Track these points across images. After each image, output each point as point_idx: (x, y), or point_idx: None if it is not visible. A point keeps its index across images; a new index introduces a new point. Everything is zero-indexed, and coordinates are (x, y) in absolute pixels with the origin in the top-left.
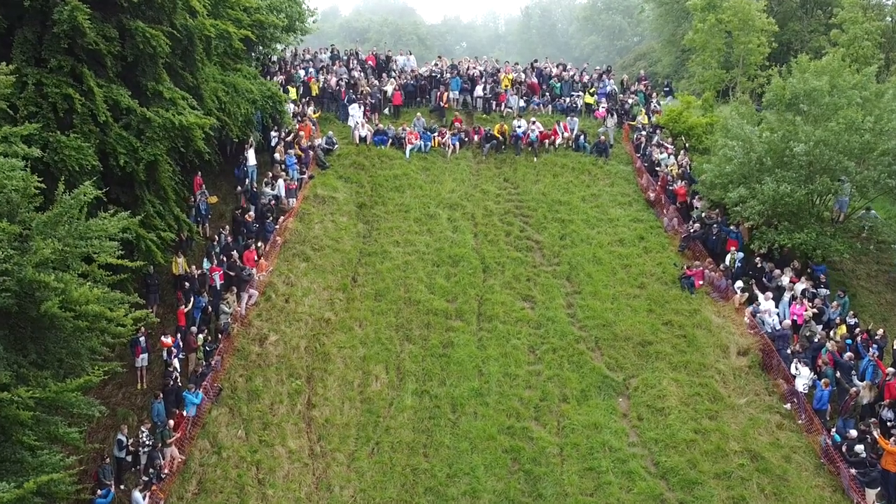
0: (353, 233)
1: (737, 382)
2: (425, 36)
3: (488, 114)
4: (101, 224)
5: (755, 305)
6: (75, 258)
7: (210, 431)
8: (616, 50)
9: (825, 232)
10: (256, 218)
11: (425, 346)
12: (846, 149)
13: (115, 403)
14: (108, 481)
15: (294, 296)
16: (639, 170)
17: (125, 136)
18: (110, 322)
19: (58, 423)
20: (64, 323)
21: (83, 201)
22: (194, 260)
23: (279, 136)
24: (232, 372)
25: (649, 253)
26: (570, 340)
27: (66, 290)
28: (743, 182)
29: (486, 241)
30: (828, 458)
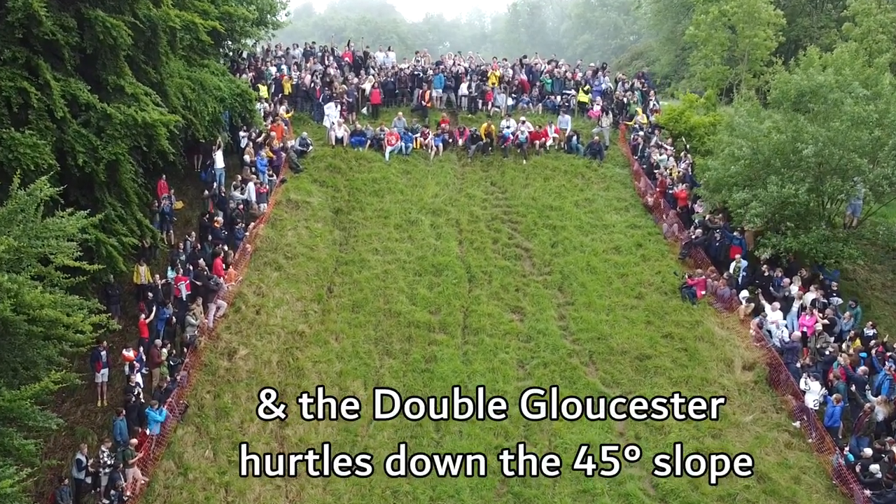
0: (328, 240)
1: (742, 399)
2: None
3: (474, 113)
4: (59, 223)
5: (762, 316)
6: (30, 258)
7: (175, 451)
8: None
9: (837, 237)
10: (225, 224)
11: (406, 361)
12: (856, 146)
13: (73, 421)
14: None
15: (265, 307)
16: (636, 172)
17: (84, 134)
18: (68, 328)
19: (12, 435)
20: (17, 328)
21: (39, 198)
22: (158, 269)
23: (249, 136)
24: (199, 388)
25: (647, 261)
26: (563, 354)
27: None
28: (748, 184)
29: (471, 249)
30: (840, 479)
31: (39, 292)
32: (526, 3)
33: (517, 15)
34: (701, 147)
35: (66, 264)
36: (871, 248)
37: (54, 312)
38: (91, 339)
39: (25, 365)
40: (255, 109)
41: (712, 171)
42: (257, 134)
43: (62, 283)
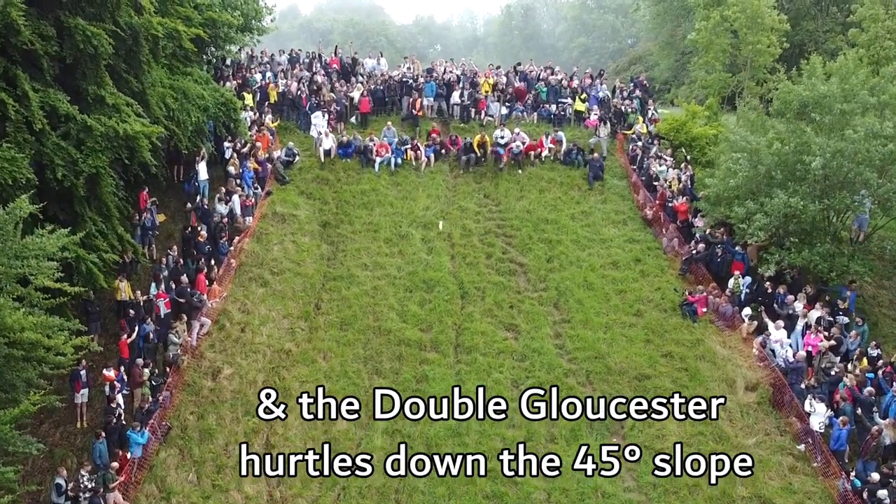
0: (316, 255)
1: (745, 420)
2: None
3: (466, 122)
4: (39, 242)
5: (765, 335)
6: (10, 280)
7: (158, 475)
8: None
9: (842, 252)
10: (208, 238)
11: (397, 381)
12: (866, 159)
13: (52, 444)
14: None
15: (251, 324)
16: (635, 184)
17: (63, 147)
18: (48, 350)
19: None
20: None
21: (18, 217)
22: (140, 285)
23: (234, 147)
24: (182, 409)
25: (646, 277)
26: (559, 374)
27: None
28: (750, 197)
29: (464, 264)
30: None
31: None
32: (520, 4)
33: (510, 17)
34: (702, 158)
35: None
36: (879, 264)
37: (35, 335)
38: (72, 362)
39: (4, 388)
40: (239, 119)
41: (711, 186)
42: (242, 144)
43: (42, 304)
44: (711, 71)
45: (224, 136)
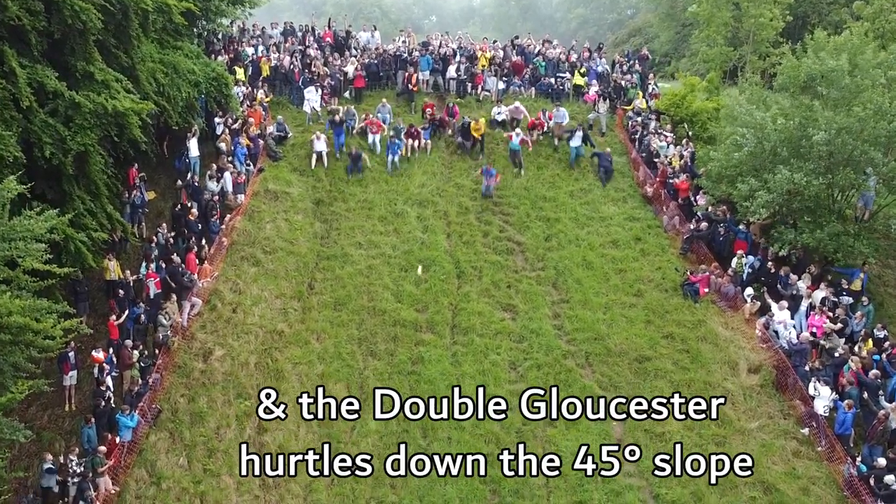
0: (309, 233)
1: (747, 404)
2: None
3: (463, 97)
4: (27, 224)
5: (768, 316)
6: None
7: (148, 459)
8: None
9: (848, 231)
10: (199, 216)
11: (392, 363)
12: (872, 137)
13: (40, 427)
14: None
15: (243, 305)
16: (634, 161)
17: (51, 124)
18: (37, 334)
19: None
20: None
21: (6, 198)
22: (129, 264)
23: (225, 123)
24: (172, 391)
25: (647, 256)
26: (557, 356)
27: None
28: (754, 174)
29: (460, 243)
30: (852, 490)
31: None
32: None
33: None
34: (703, 134)
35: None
36: (884, 243)
37: (23, 319)
38: (60, 345)
39: None
40: (231, 94)
41: (714, 161)
42: (234, 120)
43: (30, 286)
44: (713, 45)
45: (215, 112)
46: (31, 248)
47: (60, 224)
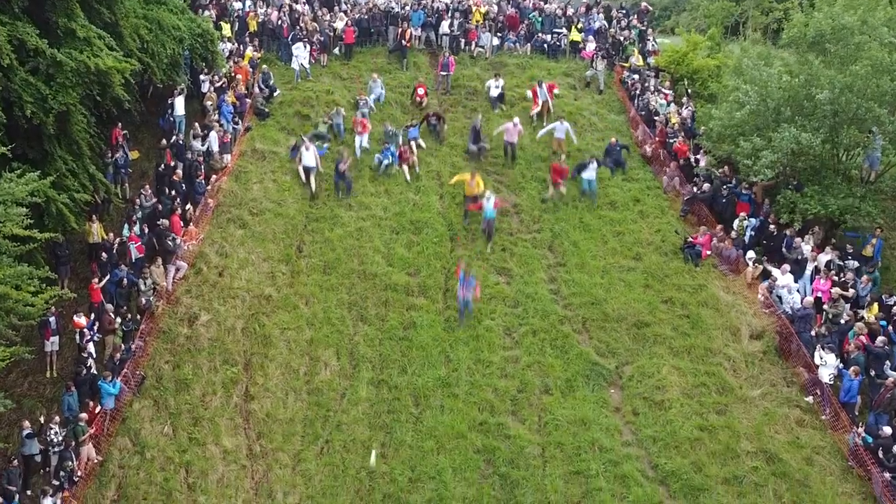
0: (297, 194)
1: (749, 371)
2: None
3: (456, 54)
4: (7, 188)
5: (771, 280)
6: None
7: (131, 427)
8: None
9: (853, 193)
10: (184, 177)
11: (382, 328)
12: (876, 95)
13: (20, 394)
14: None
15: (229, 268)
16: (633, 120)
17: (32, 83)
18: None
19: None
20: None
21: None
22: (112, 226)
23: (211, 80)
24: (156, 357)
25: (646, 218)
26: (553, 321)
27: None
28: (757, 133)
29: (453, 204)
30: (857, 460)
31: None
32: None
33: None
34: (704, 92)
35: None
36: (891, 205)
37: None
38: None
39: None
40: (217, 50)
41: (716, 119)
42: (220, 77)
43: (10, 251)
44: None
45: (201, 69)
46: (11, 212)
47: (42, 186)
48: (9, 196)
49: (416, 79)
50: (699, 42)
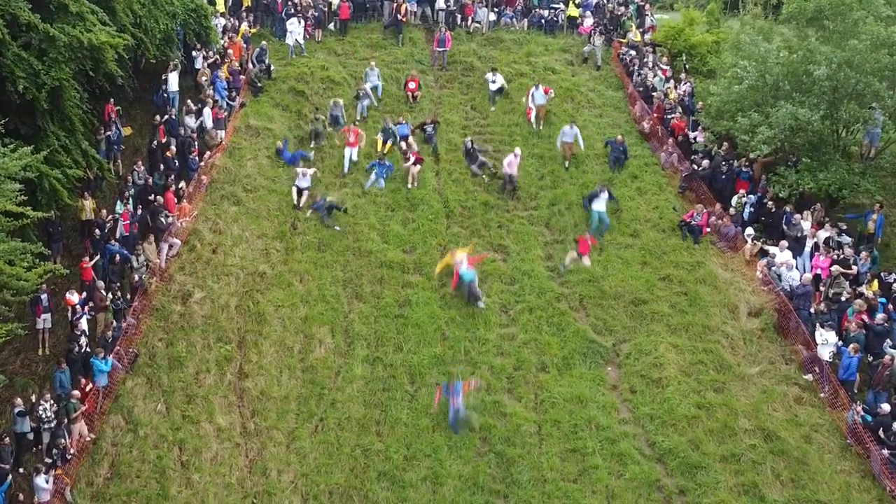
0: (291, 171)
1: (747, 348)
2: None
3: (452, 29)
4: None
5: (769, 257)
6: None
7: (124, 405)
8: None
9: (853, 169)
10: (177, 153)
11: (378, 305)
12: (875, 70)
13: (12, 372)
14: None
15: (223, 245)
16: (631, 96)
17: (25, 58)
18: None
19: None
20: None
21: None
22: (105, 203)
23: (204, 56)
24: (150, 335)
25: (644, 195)
26: (550, 298)
27: None
28: (755, 109)
29: (449, 181)
30: (855, 437)
31: None
32: None
33: None
34: (703, 68)
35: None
36: (892, 181)
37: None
38: (35, 287)
39: None
40: (210, 26)
41: (714, 95)
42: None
43: (4, 226)
44: None
45: (194, 45)
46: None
47: (35, 161)
48: (2, 171)
49: (409, 73)
50: (696, 17)
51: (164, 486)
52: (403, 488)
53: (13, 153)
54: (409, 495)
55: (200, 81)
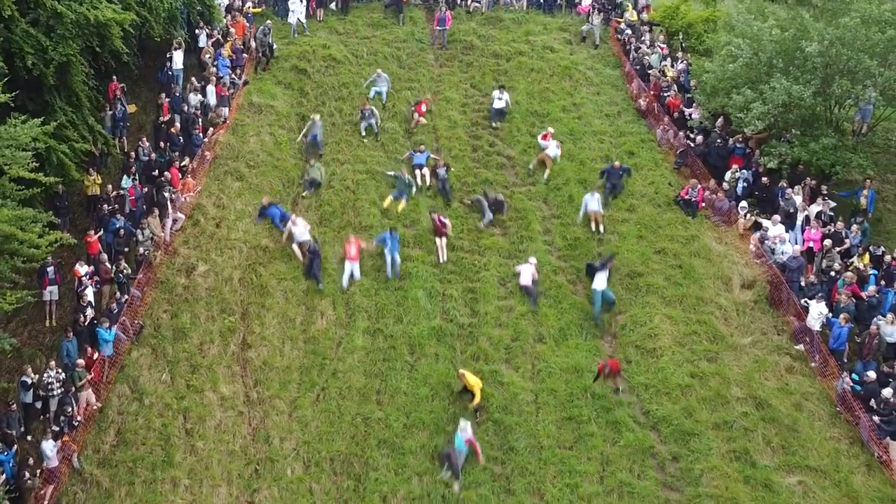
0: (294, 148)
1: (740, 319)
2: None
3: (453, 9)
4: (12, 132)
5: (763, 231)
6: None
7: (130, 375)
8: None
9: (845, 144)
10: (182, 130)
11: (378, 278)
12: (866, 47)
13: (20, 342)
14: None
15: (226, 220)
16: (628, 74)
17: (33, 34)
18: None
19: None
20: None
21: None
22: (110, 178)
23: (208, 34)
24: (155, 307)
25: (640, 170)
26: (548, 272)
27: None
28: (750, 86)
29: (449, 158)
30: (845, 405)
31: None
32: None
33: None
34: (699, 46)
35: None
36: (884, 157)
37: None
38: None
39: None
40: (214, 5)
41: (709, 73)
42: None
43: (15, 195)
44: None
45: (198, 23)
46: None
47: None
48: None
49: (418, 98)
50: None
51: (168, 452)
52: (403, 455)
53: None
54: (409, 462)
55: (204, 59)
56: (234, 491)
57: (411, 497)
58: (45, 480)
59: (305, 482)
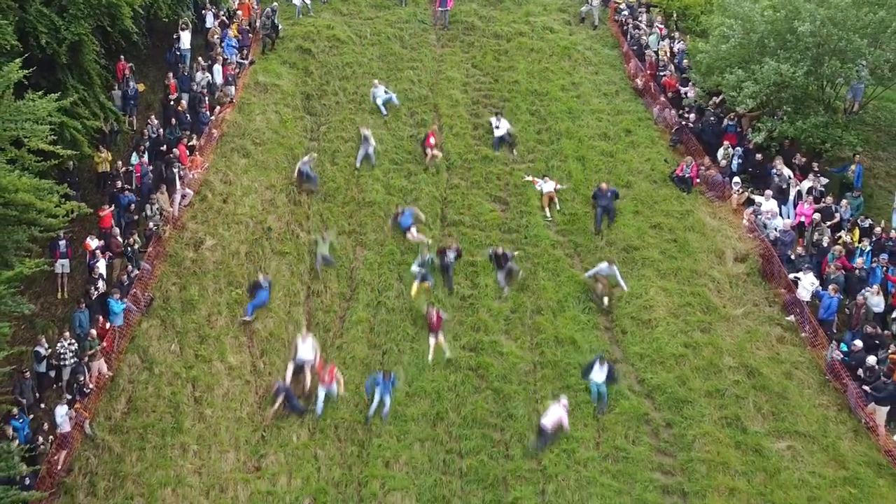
0: (299, 126)
1: (733, 291)
2: None
3: None
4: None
5: (755, 206)
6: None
7: (140, 345)
8: None
9: (836, 122)
10: (189, 108)
11: (381, 252)
12: (857, 27)
13: (33, 313)
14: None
15: (233, 196)
16: (626, 54)
17: (46, 14)
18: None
19: None
20: None
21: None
22: (120, 155)
23: (215, 14)
24: (164, 280)
25: (637, 148)
26: (546, 246)
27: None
28: (742, 66)
29: (451, 136)
30: (833, 373)
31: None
32: None
33: None
34: (696, 27)
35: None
36: (874, 135)
37: (29, 197)
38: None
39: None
40: None
41: (703, 53)
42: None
43: (33, 166)
44: None
45: (204, 4)
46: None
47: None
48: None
49: (427, 125)
50: None
51: (178, 419)
52: (405, 422)
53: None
54: (411, 429)
55: (211, 40)
56: (242, 456)
57: (413, 463)
58: (59, 446)
59: (310, 448)
